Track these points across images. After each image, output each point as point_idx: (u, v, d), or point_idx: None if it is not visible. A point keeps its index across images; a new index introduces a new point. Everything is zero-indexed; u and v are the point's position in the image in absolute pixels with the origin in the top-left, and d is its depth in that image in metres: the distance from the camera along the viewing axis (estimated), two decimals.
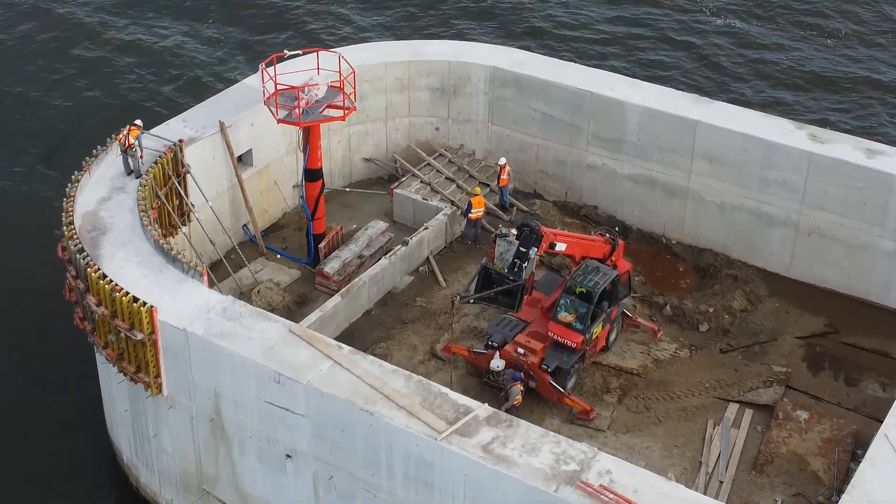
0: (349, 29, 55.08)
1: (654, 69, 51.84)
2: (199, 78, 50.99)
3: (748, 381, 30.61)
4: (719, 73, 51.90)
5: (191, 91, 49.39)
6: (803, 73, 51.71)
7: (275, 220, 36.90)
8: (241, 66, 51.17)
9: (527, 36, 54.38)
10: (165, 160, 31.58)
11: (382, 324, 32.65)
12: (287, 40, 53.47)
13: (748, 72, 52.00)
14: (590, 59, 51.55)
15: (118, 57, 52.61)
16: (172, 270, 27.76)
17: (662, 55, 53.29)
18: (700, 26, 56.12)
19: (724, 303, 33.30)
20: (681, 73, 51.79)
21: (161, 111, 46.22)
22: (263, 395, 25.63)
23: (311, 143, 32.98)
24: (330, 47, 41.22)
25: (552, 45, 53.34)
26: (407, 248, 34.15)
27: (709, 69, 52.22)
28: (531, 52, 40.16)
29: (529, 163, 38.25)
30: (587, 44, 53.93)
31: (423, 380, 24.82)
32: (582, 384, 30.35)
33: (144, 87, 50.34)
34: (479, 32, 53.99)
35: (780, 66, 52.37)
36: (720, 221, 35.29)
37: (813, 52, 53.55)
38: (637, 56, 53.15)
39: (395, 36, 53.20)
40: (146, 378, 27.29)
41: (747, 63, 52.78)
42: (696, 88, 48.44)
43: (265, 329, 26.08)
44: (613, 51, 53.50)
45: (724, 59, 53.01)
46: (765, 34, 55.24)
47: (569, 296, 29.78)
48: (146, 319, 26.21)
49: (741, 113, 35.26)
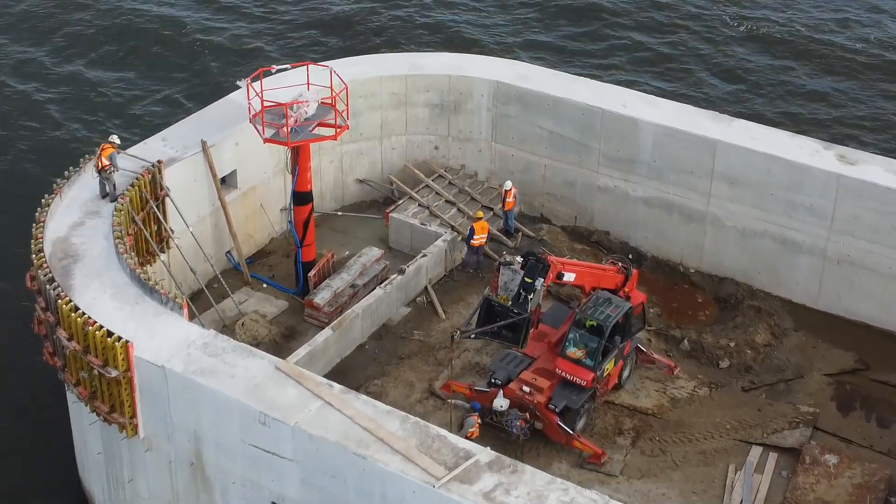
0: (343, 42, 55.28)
1: (671, 83, 51.94)
2: (179, 93, 51.03)
3: (772, 423, 30.50)
4: (741, 89, 52.02)
5: (170, 107, 49.45)
6: (831, 90, 51.82)
7: (261, 247, 36.88)
8: (225, 80, 51.25)
9: (531, 49, 54.54)
10: (143, 182, 31.56)
11: (377, 359, 32.56)
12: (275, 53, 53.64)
13: (772, 88, 52.11)
14: (600, 72, 51.67)
15: (91, 70, 52.66)
16: (150, 302, 27.69)
17: (679, 69, 53.43)
18: (719, 37, 56.28)
19: (747, 337, 33.23)
20: (698, 88, 51.90)
21: (138, 129, 46.27)
22: (248, 437, 25.53)
23: (300, 163, 32.99)
24: (320, 61, 41.29)
25: (559, 58, 53.49)
26: (403, 277, 34.10)
27: (729, 83, 52.35)
28: (537, 65, 40.27)
29: (536, 185, 38.25)
30: (596, 58, 54.12)
31: (420, 421, 24.72)
32: (592, 425, 30.23)
33: (120, 102, 50.38)
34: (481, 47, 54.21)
35: (807, 82, 52.51)
36: (742, 248, 35.26)
37: (840, 67, 53.67)
38: (652, 70, 53.27)
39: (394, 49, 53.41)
40: (121, 419, 27.18)
41: (771, 78, 52.89)
42: (715, 105, 48.47)
43: (250, 366, 26.00)
44: (626, 65, 53.65)
45: (747, 74, 53.14)
46: (790, 48, 55.39)
47: (578, 330, 29.70)
48: (121, 355, 26.14)
49: (764, 132, 35.31)
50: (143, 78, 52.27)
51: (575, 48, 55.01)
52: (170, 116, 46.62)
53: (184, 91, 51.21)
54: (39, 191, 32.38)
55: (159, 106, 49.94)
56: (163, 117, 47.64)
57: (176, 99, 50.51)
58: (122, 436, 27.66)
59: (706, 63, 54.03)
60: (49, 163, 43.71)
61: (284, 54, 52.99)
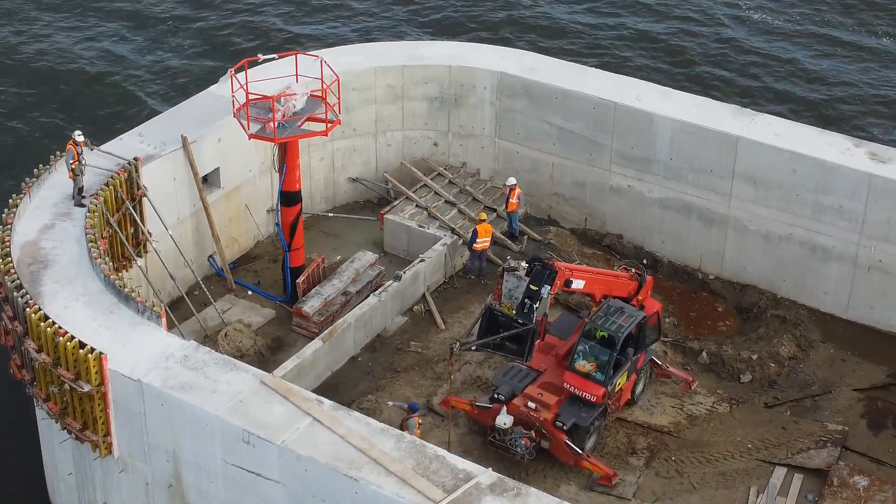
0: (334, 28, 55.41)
1: (688, 74, 52.08)
2: (158, 85, 51.18)
3: (798, 442, 30.63)
4: (764, 81, 52.10)
5: (148, 101, 49.60)
6: (863, 84, 51.91)
7: (246, 251, 37.06)
8: (207, 72, 51.42)
9: (539, 38, 54.68)
10: (118, 181, 31.71)
11: (371, 373, 32.73)
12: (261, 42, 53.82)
13: (798, 80, 52.18)
14: (613, 62, 51.82)
15: (64, 61, 52.84)
16: (125, 311, 27.81)
17: (696, 59, 53.55)
18: (742, 25, 56.40)
19: (771, 349, 33.39)
20: (719, 79, 51.99)
21: (112, 124, 46.39)
22: (231, 457, 25.64)
23: (288, 161, 33.15)
24: (310, 50, 41.49)
25: (569, 47, 53.65)
26: (399, 284, 34.27)
27: (751, 77, 52.46)
28: (545, 55, 40.41)
29: (543, 185, 38.42)
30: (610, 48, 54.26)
31: (416, 440, 24.83)
32: (603, 444, 30.38)
33: (93, 96, 50.52)
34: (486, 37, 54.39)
35: (834, 75, 52.60)
36: (766, 254, 35.43)
37: (869, 58, 53.79)
38: (666, 60, 53.39)
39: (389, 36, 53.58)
40: (94, 437, 27.27)
41: (796, 70, 52.97)
42: (736, 99, 48.59)
43: (233, 380, 26.11)
44: (639, 54, 53.78)
45: (771, 65, 53.23)
46: (816, 38, 55.49)
47: (588, 341, 29.84)
48: (94, 368, 26.24)
49: (790, 127, 35.47)
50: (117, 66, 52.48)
51: (586, 36, 55.14)
52: (147, 110, 46.90)
53: (163, 83, 51.38)
54: (6, 191, 32.52)
55: (136, 98, 50.11)
56: (140, 111, 47.86)
57: (154, 91, 50.66)
58: (95, 455, 27.76)
59: (728, 53, 54.13)
60: (17, 161, 43.82)
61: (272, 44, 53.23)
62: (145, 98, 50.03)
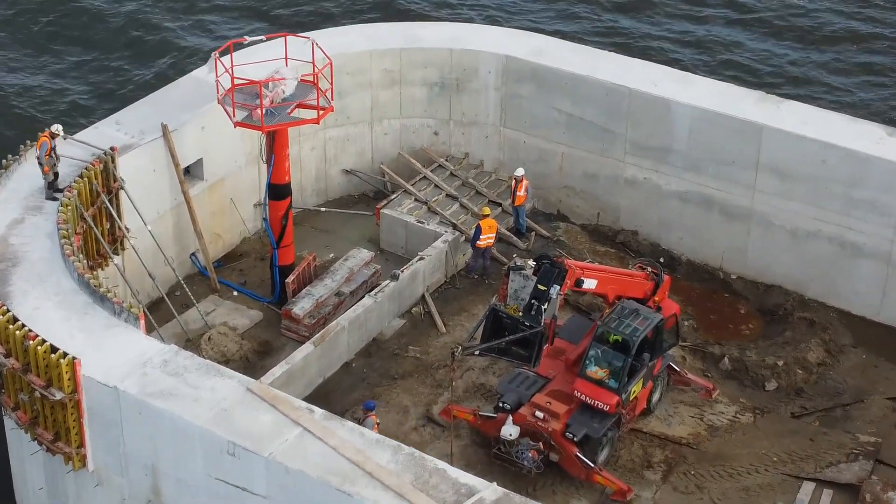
0: None
1: (704, 57, 52.04)
2: (136, 70, 51.16)
3: (827, 454, 30.58)
4: (791, 64, 52.08)
5: (126, 86, 49.55)
6: None
7: (231, 248, 37.06)
8: (190, 54, 51.38)
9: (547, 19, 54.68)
10: (93, 173, 31.67)
11: (366, 380, 32.70)
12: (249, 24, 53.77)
13: (829, 63, 52.18)
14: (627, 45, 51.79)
15: (36, 44, 52.83)
16: (101, 312, 27.78)
17: (721, 41, 53.52)
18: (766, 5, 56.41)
19: (797, 354, 33.36)
20: (740, 64, 51.96)
21: (88, 110, 46.36)
22: (214, 470, 25.61)
23: (276, 151, 33.11)
24: (301, 31, 41.38)
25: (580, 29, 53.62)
26: (397, 284, 34.22)
27: (776, 58, 52.43)
28: (555, 37, 40.35)
29: (552, 177, 38.38)
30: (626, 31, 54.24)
31: (415, 452, 24.79)
32: (617, 457, 30.35)
33: (70, 80, 50.52)
34: None
35: (866, 60, 52.56)
36: (792, 252, 35.40)
37: None
38: (686, 43, 53.36)
39: None
40: (67, 448, 27.25)
41: (824, 53, 52.96)
42: (760, 84, 48.53)
43: (217, 387, 26.08)
44: (658, 36, 53.75)
45: (797, 47, 53.22)
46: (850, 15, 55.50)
47: (600, 345, 29.80)
48: (67, 375, 26.20)
49: (819, 115, 35.47)
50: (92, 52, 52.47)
51: (602, 18, 55.14)
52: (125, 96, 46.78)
53: (143, 68, 51.37)
54: None
55: (113, 85, 50.08)
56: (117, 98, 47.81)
57: (134, 77, 50.63)
58: (69, 468, 27.73)
59: (752, 35, 54.14)
60: None
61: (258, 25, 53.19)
62: (122, 83, 49.93)
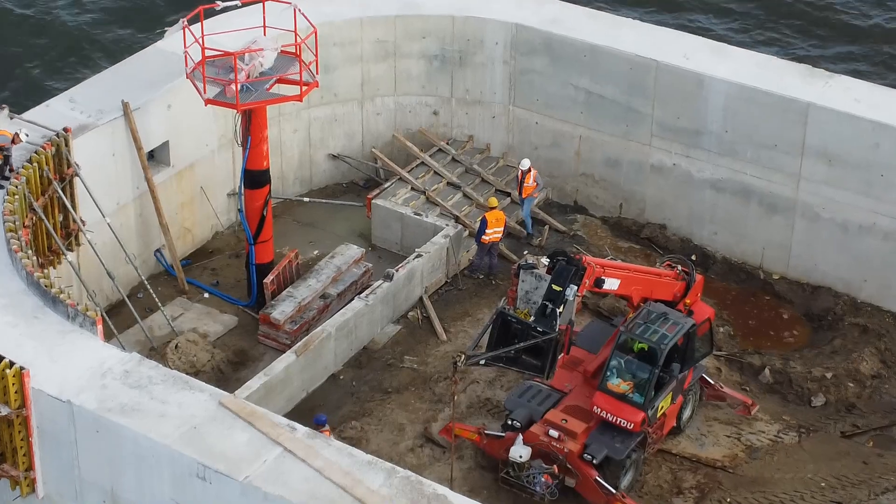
0: None
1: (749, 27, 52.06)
2: (92, 39, 51.18)
3: (882, 479, 30.59)
4: (843, 34, 52.12)
5: (81, 57, 49.56)
6: None
7: (201, 244, 37.13)
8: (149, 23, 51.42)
9: None
10: (44, 158, 31.66)
11: (355, 394, 32.74)
12: None
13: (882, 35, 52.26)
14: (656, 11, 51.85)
15: None
16: (53, 316, 27.76)
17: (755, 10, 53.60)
18: None
19: (848, 365, 33.40)
20: (787, 33, 51.98)
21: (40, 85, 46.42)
22: (182, 497, 25.60)
23: (253, 133, 33.12)
24: None
25: None
26: (391, 285, 34.26)
27: (828, 27, 52.46)
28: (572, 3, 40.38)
29: (568, 163, 38.44)
30: None
31: (411, 475, 24.77)
32: (642, 482, 30.38)
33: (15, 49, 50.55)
34: None
35: None
36: (843, 249, 35.45)
37: None
38: (721, 9, 53.41)
39: None
40: (13, 471, 27.22)
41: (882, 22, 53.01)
42: (807, 56, 48.59)
43: (185, 401, 26.05)
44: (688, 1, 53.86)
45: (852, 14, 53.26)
46: None
47: (623, 355, 29.84)
48: (14, 387, 26.18)
49: (873, 92, 35.53)
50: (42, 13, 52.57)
51: None
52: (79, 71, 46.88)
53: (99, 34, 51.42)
54: None
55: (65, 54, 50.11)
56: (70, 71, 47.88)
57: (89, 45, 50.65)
58: (16, 494, 27.64)
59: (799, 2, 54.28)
60: None
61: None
62: (77, 54, 49.97)
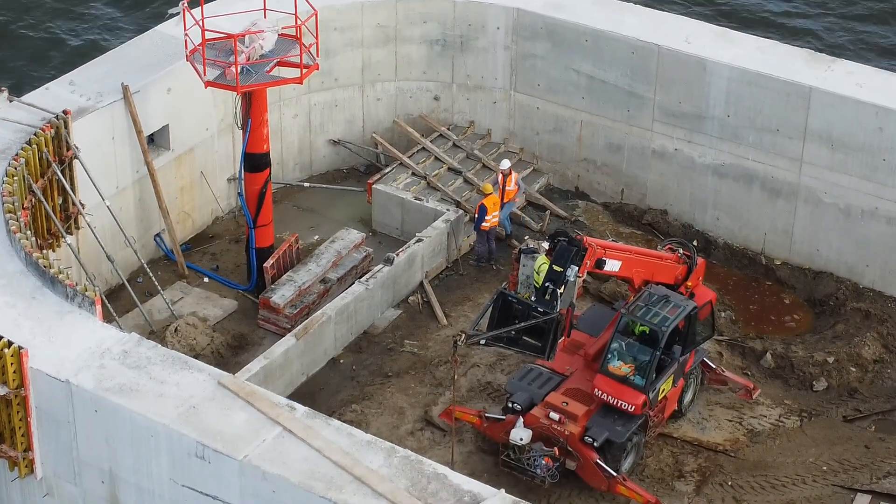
0: None
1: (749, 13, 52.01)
2: (93, 24, 51.17)
3: (884, 463, 30.61)
4: (843, 22, 52.07)
5: (82, 42, 49.55)
6: None
7: (201, 229, 37.15)
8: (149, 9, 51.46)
9: None
10: (44, 140, 31.67)
11: (355, 378, 32.77)
12: None
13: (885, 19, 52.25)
14: None
15: None
16: (51, 296, 27.77)
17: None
18: None
19: (851, 350, 33.40)
20: (789, 16, 51.88)
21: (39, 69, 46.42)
22: (180, 476, 25.61)
23: (253, 116, 33.14)
24: None
25: None
26: (391, 270, 34.27)
27: (833, 13, 52.38)
28: None
29: (570, 148, 38.44)
30: None
31: (411, 455, 24.76)
32: (643, 465, 30.40)
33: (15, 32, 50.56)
34: None
35: None
36: (845, 233, 35.45)
37: None
38: None
39: None
40: (11, 452, 27.25)
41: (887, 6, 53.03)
42: (811, 41, 48.52)
43: (184, 381, 26.05)
44: None
45: None
46: None
47: (625, 338, 29.84)
48: (12, 367, 26.19)
49: (876, 76, 35.50)
50: None
51: None
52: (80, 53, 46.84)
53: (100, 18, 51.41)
54: None
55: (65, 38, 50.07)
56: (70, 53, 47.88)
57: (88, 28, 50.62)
58: (14, 475, 27.69)
59: None
60: None
61: None
62: (76, 37, 49.95)
